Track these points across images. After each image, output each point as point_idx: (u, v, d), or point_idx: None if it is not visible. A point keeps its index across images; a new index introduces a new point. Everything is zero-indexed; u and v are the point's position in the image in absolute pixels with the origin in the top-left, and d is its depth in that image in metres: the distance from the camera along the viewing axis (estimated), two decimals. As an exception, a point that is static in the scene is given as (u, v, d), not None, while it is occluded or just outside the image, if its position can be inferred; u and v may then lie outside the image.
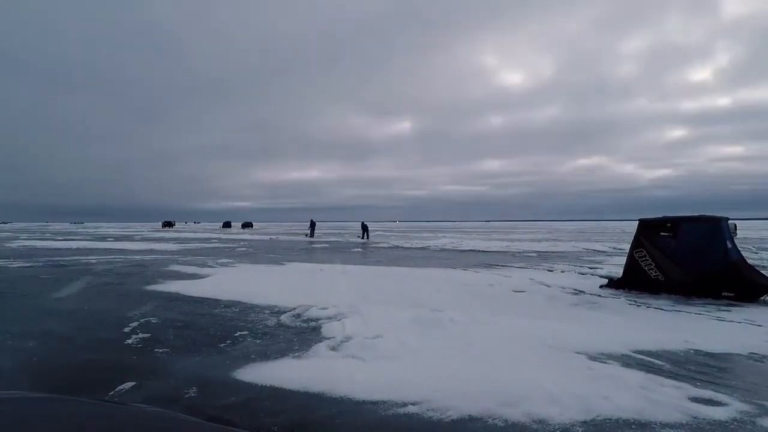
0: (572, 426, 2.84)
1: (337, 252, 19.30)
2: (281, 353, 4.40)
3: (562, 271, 11.64)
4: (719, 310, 6.69)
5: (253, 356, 4.30)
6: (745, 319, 6.06)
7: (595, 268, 12.38)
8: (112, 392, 3.38)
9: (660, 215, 8.47)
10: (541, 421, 2.90)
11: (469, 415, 2.99)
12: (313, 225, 36.27)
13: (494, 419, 2.95)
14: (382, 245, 24.33)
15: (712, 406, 3.16)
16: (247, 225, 67.40)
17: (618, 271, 9.50)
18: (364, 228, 32.05)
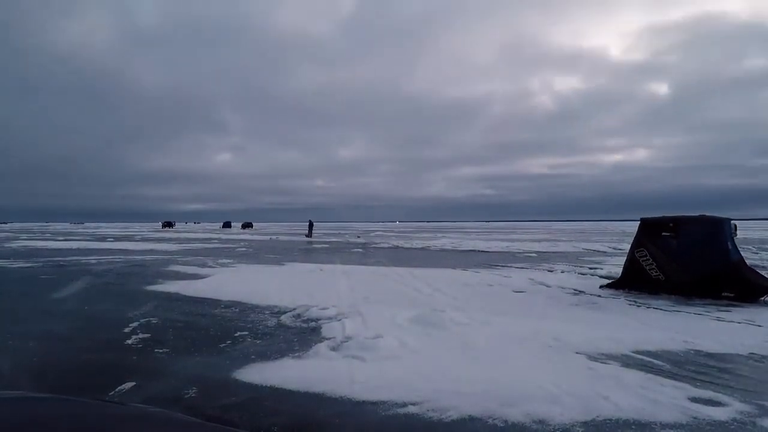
0: (572, 426, 2.84)
1: (337, 252, 19.30)
2: (281, 353, 4.40)
3: (562, 272, 11.63)
4: (719, 311, 6.68)
5: (253, 356, 4.30)
6: (745, 320, 6.05)
7: (595, 268, 12.37)
8: (112, 392, 3.39)
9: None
10: (541, 422, 2.90)
11: (470, 415, 3.00)
12: (311, 225, 36.39)
13: (494, 419, 2.95)
14: (382, 245, 24.33)
15: (712, 406, 3.16)
16: (247, 225, 67.40)
17: (618, 271, 9.49)
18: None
